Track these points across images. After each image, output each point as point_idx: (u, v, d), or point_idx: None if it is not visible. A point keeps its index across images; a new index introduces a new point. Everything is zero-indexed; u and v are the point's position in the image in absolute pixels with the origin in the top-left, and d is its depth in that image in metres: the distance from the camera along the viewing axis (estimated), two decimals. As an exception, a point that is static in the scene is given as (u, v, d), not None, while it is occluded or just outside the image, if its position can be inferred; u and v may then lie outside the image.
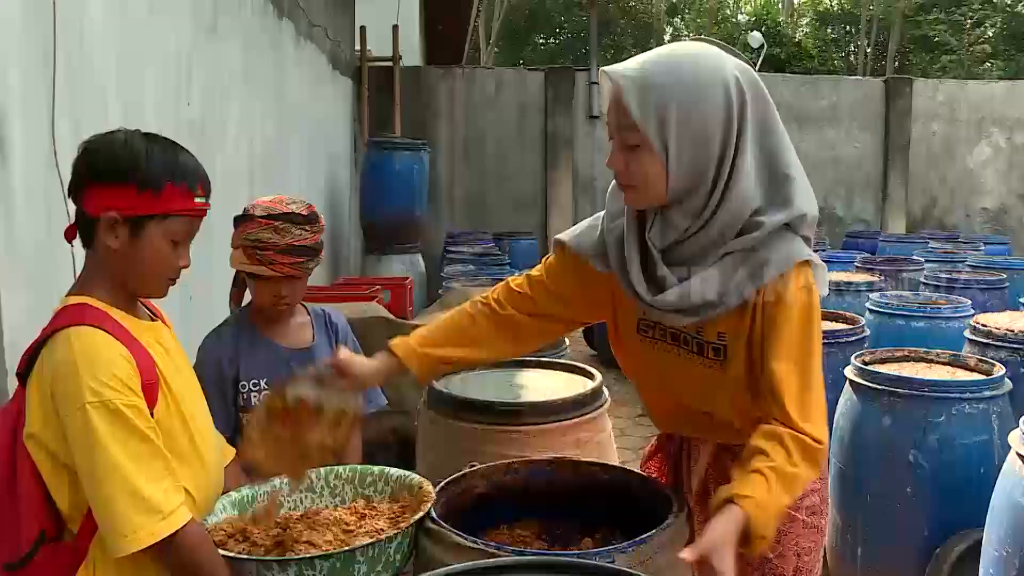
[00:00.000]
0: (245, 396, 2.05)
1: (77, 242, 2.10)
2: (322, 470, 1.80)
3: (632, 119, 1.37)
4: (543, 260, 1.71)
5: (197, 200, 1.45)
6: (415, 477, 1.72)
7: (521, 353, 1.80)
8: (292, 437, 1.62)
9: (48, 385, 1.32)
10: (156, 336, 1.50)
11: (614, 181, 1.54)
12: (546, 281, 1.67)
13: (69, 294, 1.44)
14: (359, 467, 1.82)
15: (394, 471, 1.78)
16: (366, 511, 1.66)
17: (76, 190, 1.42)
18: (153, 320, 1.54)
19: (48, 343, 1.35)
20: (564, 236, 1.66)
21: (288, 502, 1.74)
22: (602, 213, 1.61)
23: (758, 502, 1.30)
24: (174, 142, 1.47)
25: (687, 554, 1.26)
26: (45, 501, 1.33)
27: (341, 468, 1.81)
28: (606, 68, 1.42)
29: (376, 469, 1.80)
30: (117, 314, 1.42)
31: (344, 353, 1.64)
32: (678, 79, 1.37)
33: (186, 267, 1.50)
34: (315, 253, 2.02)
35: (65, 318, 1.36)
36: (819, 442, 1.39)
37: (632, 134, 1.39)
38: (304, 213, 1.99)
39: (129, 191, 1.38)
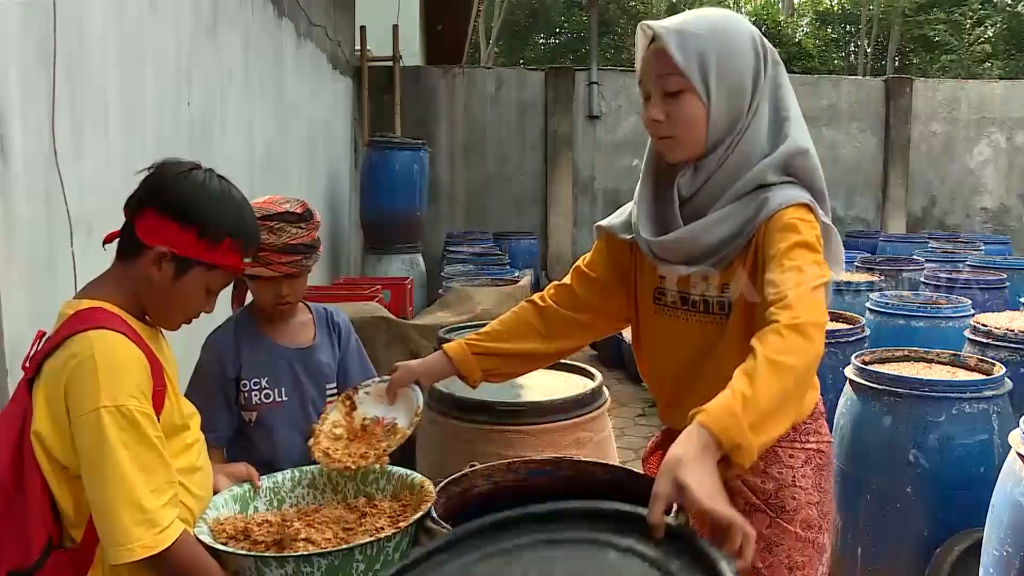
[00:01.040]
0: (247, 395, 2.05)
1: (77, 243, 2.11)
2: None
3: (675, 64, 1.44)
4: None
5: (245, 261, 1.49)
6: (416, 476, 1.73)
7: (558, 353, 1.80)
8: (367, 450, 1.71)
9: (61, 385, 1.31)
10: (158, 342, 1.51)
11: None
12: (585, 269, 1.76)
13: (80, 297, 1.43)
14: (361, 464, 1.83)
15: (396, 469, 1.78)
16: (367, 509, 1.66)
17: (136, 206, 1.42)
18: (153, 327, 1.54)
19: (63, 346, 1.34)
20: (603, 220, 1.75)
21: (290, 497, 1.75)
22: None
23: (715, 410, 1.16)
24: (243, 196, 1.50)
25: (654, 516, 1.08)
26: (51, 505, 1.33)
27: None
28: (645, 22, 1.49)
29: (378, 467, 1.80)
30: (130, 320, 1.42)
31: (399, 363, 1.78)
32: (715, 30, 1.47)
33: (209, 313, 1.53)
34: (312, 250, 2.02)
35: (81, 321, 1.36)
36: (796, 318, 1.25)
37: (674, 80, 1.46)
38: (298, 211, 1.99)
39: (189, 233, 1.40)
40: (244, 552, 1.44)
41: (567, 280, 1.78)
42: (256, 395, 2.06)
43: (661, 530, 1.07)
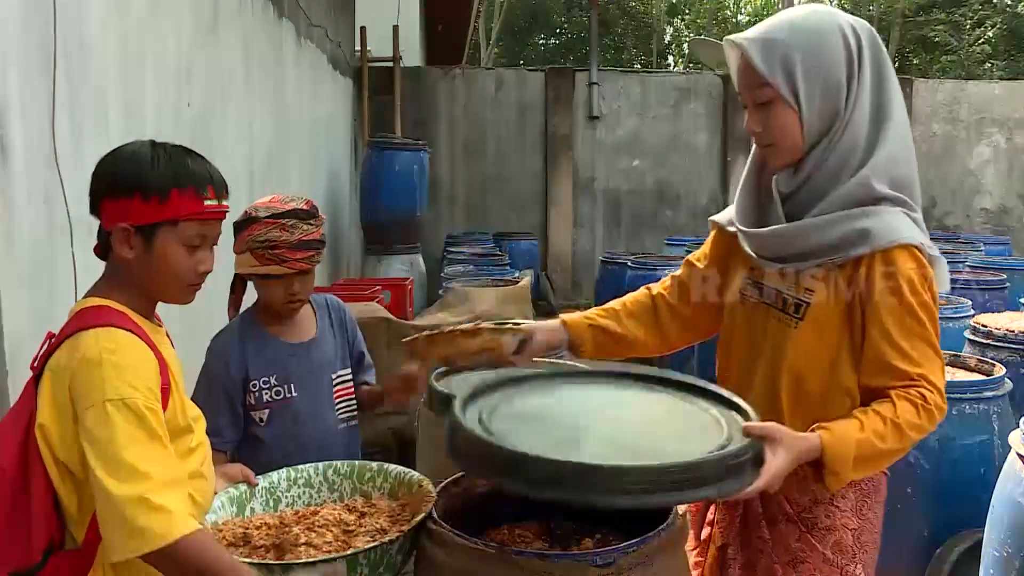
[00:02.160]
0: (256, 395, 2.05)
1: (77, 243, 2.11)
2: (320, 465, 1.81)
3: (761, 76, 1.44)
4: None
5: (208, 203, 1.44)
6: (414, 475, 1.73)
7: (665, 345, 1.82)
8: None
9: (66, 381, 1.31)
10: (164, 341, 1.50)
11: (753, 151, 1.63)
12: (693, 260, 1.79)
13: (86, 297, 1.44)
14: (357, 463, 1.83)
15: (393, 467, 1.79)
16: (365, 508, 1.66)
17: (93, 206, 1.43)
18: (159, 326, 1.54)
19: (68, 342, 1.34)
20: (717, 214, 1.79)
21: (286, 497, 1.75)
22: None
23: (835, 434, 1.38)
24: (186, 148, 1.47)
25: (762, 483, 1.32)
26: (55, 505, 1.32)
27: (340, 463, 1.82)
28: (729, 36, 1.50)
29: (375, 465, 1.80)
30: (136, 318, 1.42)
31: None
32: (797, 30, 1.45)
33: (208, 271, 1.50)
34: (322, 246, 2.05)
35: (87, 319, 1.36)
36: (939, 407, 1.47)
37: (763, 91, 1.47)
38: (306, 208, 2.02)
39: (135, 201, 1.38)
40: (249, 560, 1.43)
41: (680, 272, 1.81)
42: (267, 393, 2.06)
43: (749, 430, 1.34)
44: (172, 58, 3.03)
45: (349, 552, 1.44)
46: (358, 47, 8.56)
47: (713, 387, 1.52)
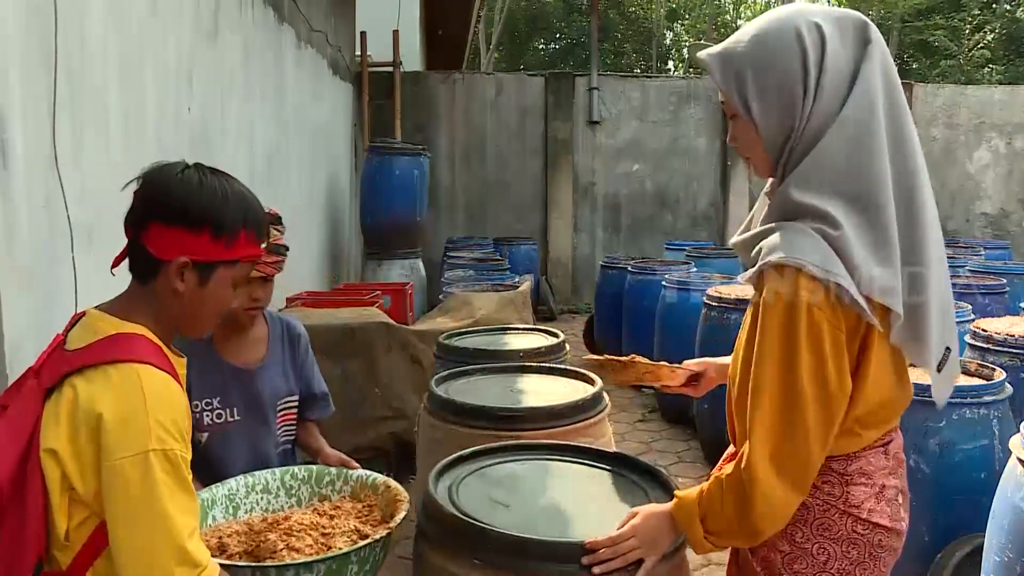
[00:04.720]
0: (197, 416, 1.99)
1: (78, 246, 2.10)
2: (278, 471, 1.85)
3: (721, 90, 1.44)
4: None
5: (263, 246, 1.45)
6: (378, 477, 1.80)
7: None
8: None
9: (94, 416, 1.25)
10: (182, 370, 1.44)
11: None
12: None
13: (110, 312, 1.36)
14: (315, 467, 1.88)
15: (353, 472, 1.85)
16: (333, 512, 1.71)
17: (138, 224, 1.34)
18: (181, 356, 1.47)
19: (103, 371, 1.27)
20: None
21: (245, 504, 1.76)
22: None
23: (681, 496, 1.44)
24: (240, 183, 1.43)
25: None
26: (46, 524, 1.27)
27: (297, 468, 1.87)
28: (699, 52, 1.47)
29: (333, 470, 1.86)
30: (165, 350, 1.37)
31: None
32: (753, 42, 1.39)
33: (234, 307, 1.50)
34: (287, 251, 2.04)
35: (124, 350, 1.29)
36: (745, 468, 1.33)
37: (726, 104, 1.45)
38: (274, 212, 2.00)
39: (203, 237, 1.33)
40: (244, 564, 1.46)
41: None
42: (208, 415, 2.00)
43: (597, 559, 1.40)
44: (172, 61, 3.04)
45: (343, 551, 1.49)
46: (358, 52, 8.57)
47: (645, 463, 1.74)
